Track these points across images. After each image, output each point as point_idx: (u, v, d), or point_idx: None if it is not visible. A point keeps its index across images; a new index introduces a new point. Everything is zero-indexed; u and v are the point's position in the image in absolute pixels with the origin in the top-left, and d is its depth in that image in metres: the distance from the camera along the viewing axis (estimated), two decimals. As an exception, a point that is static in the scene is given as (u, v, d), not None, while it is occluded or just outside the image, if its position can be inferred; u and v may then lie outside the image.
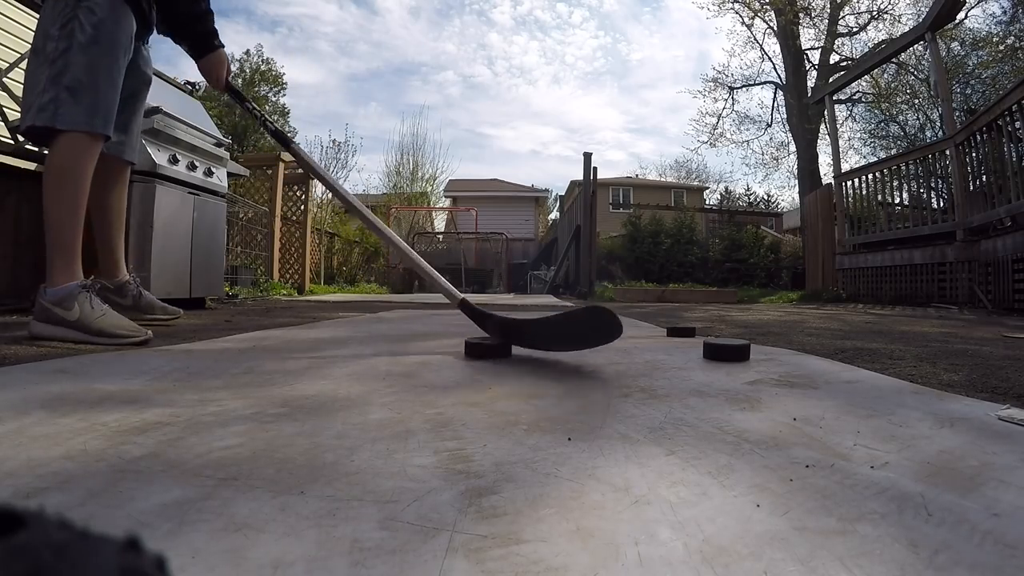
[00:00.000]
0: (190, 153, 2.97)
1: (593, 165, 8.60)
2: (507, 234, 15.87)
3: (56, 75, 1.46)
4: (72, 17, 1.47)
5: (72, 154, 1.51)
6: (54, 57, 1.47)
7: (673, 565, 0.35)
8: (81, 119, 1.51)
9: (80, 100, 1.49)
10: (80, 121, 1.51)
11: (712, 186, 30.19)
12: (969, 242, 4.63)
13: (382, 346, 1.49)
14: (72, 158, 1.51)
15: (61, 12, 1.48)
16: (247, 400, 0.79)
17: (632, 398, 0.84)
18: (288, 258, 6.64)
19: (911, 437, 0.64)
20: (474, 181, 24.21)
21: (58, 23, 1.47)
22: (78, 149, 1.52)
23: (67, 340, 1.49)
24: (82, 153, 1.53)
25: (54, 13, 1.48)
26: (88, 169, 1.55)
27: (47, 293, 1.51)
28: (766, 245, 10.49)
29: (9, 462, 0.52)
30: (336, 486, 0.47)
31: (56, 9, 1.48)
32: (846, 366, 1.19)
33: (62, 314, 1.49)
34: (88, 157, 1.55)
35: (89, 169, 1.56)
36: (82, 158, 1.53)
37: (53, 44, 1.47)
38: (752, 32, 14.63)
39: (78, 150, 1.52)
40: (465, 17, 60.67)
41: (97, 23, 1.51)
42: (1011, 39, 11.13)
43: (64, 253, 1.53)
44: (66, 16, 1.47)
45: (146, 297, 2.05)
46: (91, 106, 1.52)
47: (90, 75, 1.51)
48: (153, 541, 0.37)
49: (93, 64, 1.52)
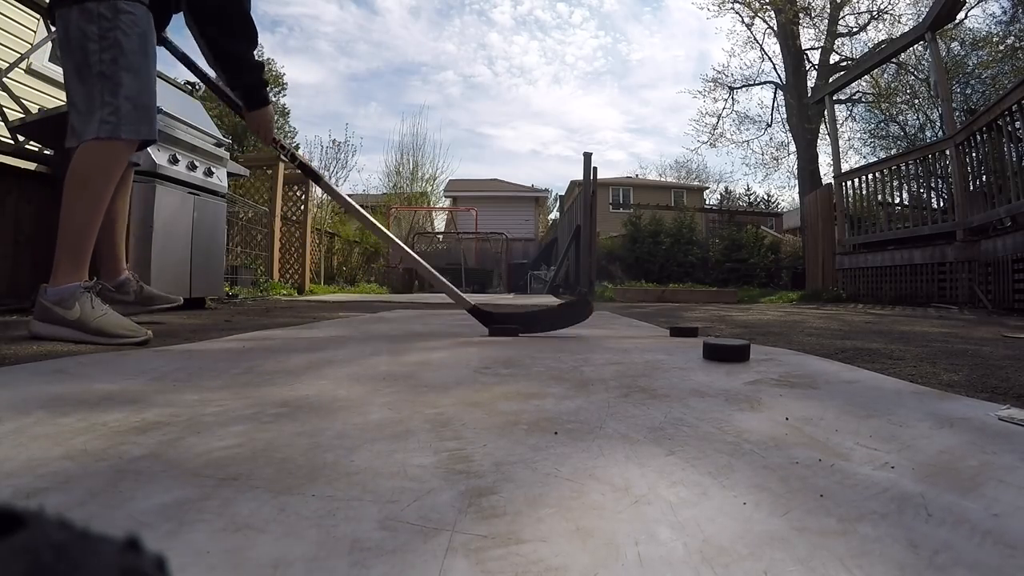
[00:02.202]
0: (190, 153, 2.97)
1: (593, 165, 8.59)
2: (507, 234, 15.87)
3: (114, 88, 1.48)
4: (114, 27, 1.46)
5: (108, 159, 1.52)
6: (103, 69, 1.47)
7: (673, 565, 0.35)
8: (144, 129, 1.55)
9: (139, 111, 1.53)
10: (141, 131, 1.54)
11: (712, 186, 30.28)
12: (969, 242, 4.63)
13: (382, 346, 1.49)
14: (106, 164, 1.52)
15: (98, 22, 1.46)
16: (247, 400, 0.79)
17: (632, 398, 0.84)
18: (288, 258, 6.64)
19: (911, 437, 0.64)
20: (474, 181, 24.21)
21: (96, 33, 1.46)
22: (115, 155, 1.53)
23: (67, 340, 1.48)
24: (117, 159, 1.54)
25: (87, 23, 1.46)
26: (117, 175, 1.57)
27: (48, 292, 1.51)
28: (766, 245, 10.49)
29: (9, 462, 0.52)
30: (336, 486, 0.47)
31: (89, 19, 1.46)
32: (846, 366, 1.19)
33: (62, 313, 1.49)
34: (119, 164, 1.56)
35: (117, 175, 1.57)
36: (114, 165, 1.54)
37: (97, 56, 1.46)
38: (752, 32, 14.64)
39: (117, 156, 1.53)
40: (465, 17, 60.73)
41: (140, 33, 1.52)
42: (1011, 39, 11.13)
43: (75, 255, 1.53)
44: (106, 27, 1.46)
45: (146, 290, 2.12)
46: (147, 115, 1.55)
47: (143, 85, 1.54)
48: (153, 541, 0.37)
49: (143, 73, 1.54)
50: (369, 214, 1.98)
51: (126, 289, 2.03)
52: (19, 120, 2.75)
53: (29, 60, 4.08)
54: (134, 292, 2.05)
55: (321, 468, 0.52)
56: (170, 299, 2.18)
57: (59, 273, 1.52)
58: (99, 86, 1.48)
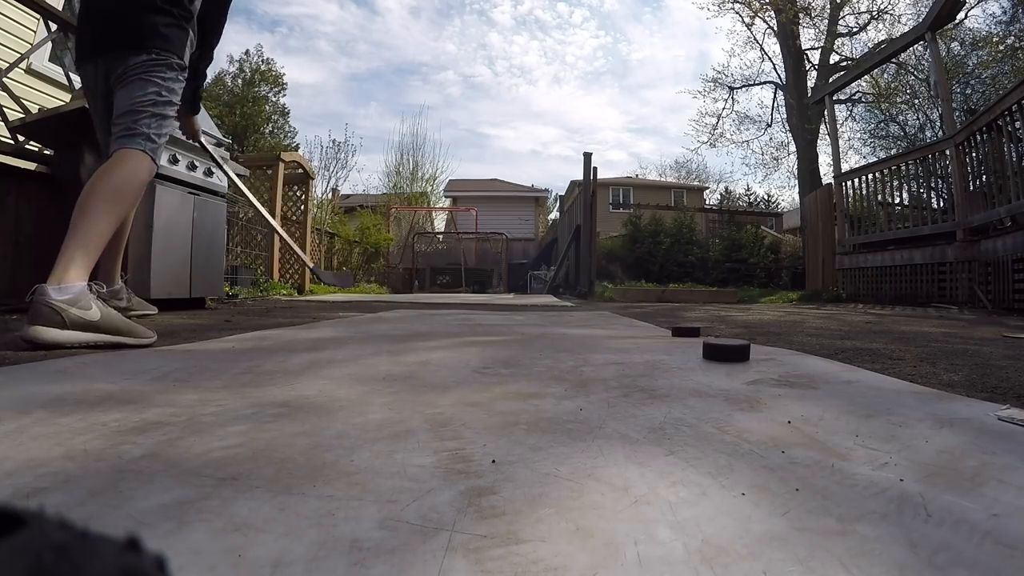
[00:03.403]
0: (190, 153, 2.97)
1: (593, 165, 8.60)
2: (507, 234, 15.86)
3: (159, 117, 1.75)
4: (176, 79, 1.81)
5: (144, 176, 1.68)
6: (159, 102, 1.75)
7: (672, 565, 0.35)
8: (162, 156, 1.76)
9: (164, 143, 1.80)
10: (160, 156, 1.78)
11: (712, 186, 30.26)
12: (969, 242, 4.63)
13: (382, 346, 1.49)
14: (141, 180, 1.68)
15: (171, 76, 1.79)
16: (247, 400, 0.79)
17: (632, 398, 0.84)
18: (288, 258, 6.64)
19: (911, 437, 0.64)
20: (474, 181, 24.20)
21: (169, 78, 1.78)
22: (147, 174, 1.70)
23: (90, 344, 1.37)
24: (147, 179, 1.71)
25: (166, 73, 1.77)
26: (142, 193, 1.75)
27: (55, 292, 1.37)
28: (766, 245, 10.48)
29: (9, 462, 0.52)
30: (336, 486, 0.47)
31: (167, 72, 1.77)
32: (846, 366, 1.19)
33: (80, 314, 1.38)
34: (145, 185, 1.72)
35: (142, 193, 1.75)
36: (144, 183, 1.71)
37: (162, 95, 1.76)
38: (752, 32, 14.63)
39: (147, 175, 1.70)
40: (465, 17, 60.76)
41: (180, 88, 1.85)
42: (1011, 39, 11.12)
43: (90, 258, 1.50)
44: (171, 80, 1.79)
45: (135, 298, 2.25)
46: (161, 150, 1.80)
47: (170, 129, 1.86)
48: (153, 541, 0.37)
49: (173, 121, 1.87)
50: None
51: (120, 295, 2.12)
52: (19, 120, 2.75)
53: (29, 60, 4.08)
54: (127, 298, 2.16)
55: (321, 468, 0.52)
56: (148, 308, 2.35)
57: (71, 272, 1.42)
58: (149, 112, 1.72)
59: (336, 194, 15.12)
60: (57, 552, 0.14)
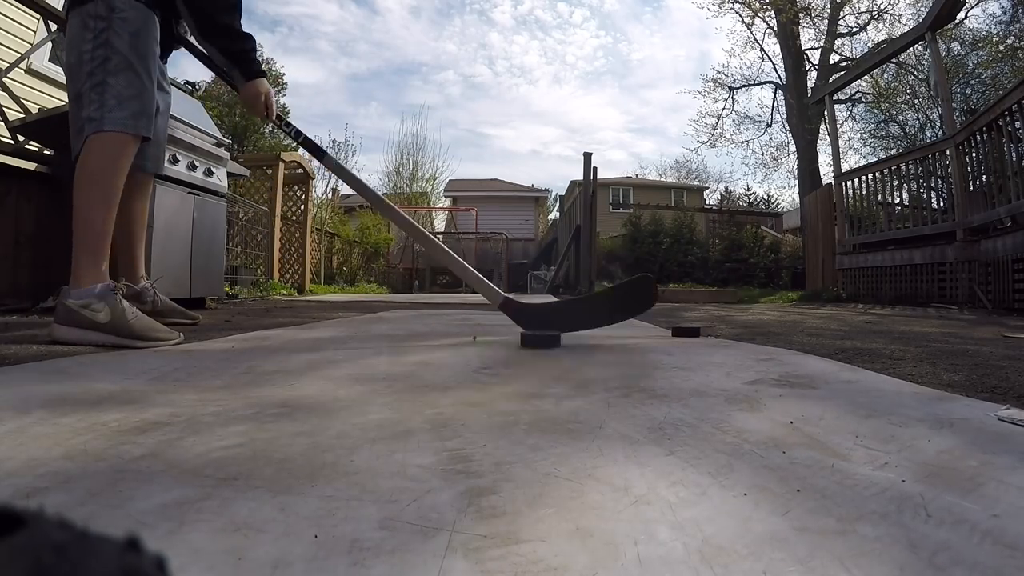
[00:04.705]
0: (190, 153, 2.97)
1: (593, 165, 8.59)
2: (507, 234, 15.87)
3: (98, 84, 1.50)
4: (106, 28, 1.50)
5: (112, 153, 1.52)
6: (93, 69, 1.50)
7: (672, 565, 0.35)
8: (128, 122, 1.53)
9: (125, 105, 1.53)
10: (126, 123, 1.53)
11: (712, 186, 30.23)
12: (969, 242, 4.62)
13: (382, 346, 1.49)
14: (111, 157, 1.52)
15: (92, 27, 1.50)
16: (247, 400, 0.79)
17: (632, 398, 0.84)
18: (288, 258, 6.64)
19: (911, 437, 0.64)
20: (474, 181, 24.21)
21: (90, 36, 1.50)
22: (117, 149, 1.53)
23: (96, 344, 1.40)
24: (120, 153, 1.54)
25: (83, 29, 1.50)
26: (124, 169, 1.56)
27: (71, 294, 1.44)
28: (766, 245, 10.49)
29: (9, 462, 0.52)
30: (336, 486, 0.47)
31: (84, 24, 1.50)
32: (846, 366, 1.19)
33: (91, 316, 1.42)
34: (125, 157, 1.56)
35: (125, 169, 1.56)
36: (119, 158, 1.54)
37: (89, 56, 1.50)
38: (752, 32, 14.63)
39: (117, 150, 1.53)
40: (466, 17, 60.78)
41: (134, 32, 1.54)
42: (1011, 39, 11.12)
43: (92, 253, 1.48)
44: (98, 28, 1.50)
45: (163, 301, 2.03)
46: (136, 110, 1.55)
47: (132, 81, 1.54)
48: (153, 541, 0.37)
49: (134, 70, 1.55)
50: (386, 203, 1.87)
51: (143, 298, 1.94)
52: (19, 120, 2.75)
53: (29, 60, 4.08)
54: (151, 302, 1.96)
55: (321, 468, 0.52)
56: (188, 315, 2.10)
57: (80, 274, 1.46)
58: (87, 83, 1.50)
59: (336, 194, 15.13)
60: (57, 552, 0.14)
